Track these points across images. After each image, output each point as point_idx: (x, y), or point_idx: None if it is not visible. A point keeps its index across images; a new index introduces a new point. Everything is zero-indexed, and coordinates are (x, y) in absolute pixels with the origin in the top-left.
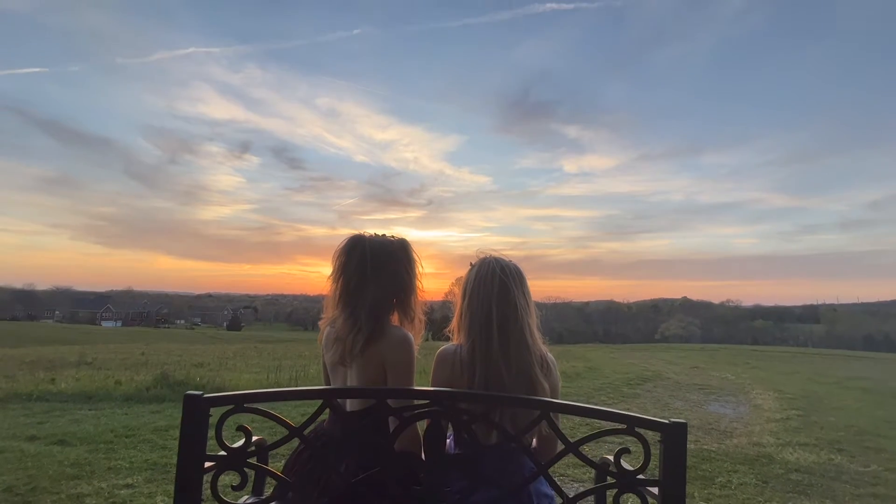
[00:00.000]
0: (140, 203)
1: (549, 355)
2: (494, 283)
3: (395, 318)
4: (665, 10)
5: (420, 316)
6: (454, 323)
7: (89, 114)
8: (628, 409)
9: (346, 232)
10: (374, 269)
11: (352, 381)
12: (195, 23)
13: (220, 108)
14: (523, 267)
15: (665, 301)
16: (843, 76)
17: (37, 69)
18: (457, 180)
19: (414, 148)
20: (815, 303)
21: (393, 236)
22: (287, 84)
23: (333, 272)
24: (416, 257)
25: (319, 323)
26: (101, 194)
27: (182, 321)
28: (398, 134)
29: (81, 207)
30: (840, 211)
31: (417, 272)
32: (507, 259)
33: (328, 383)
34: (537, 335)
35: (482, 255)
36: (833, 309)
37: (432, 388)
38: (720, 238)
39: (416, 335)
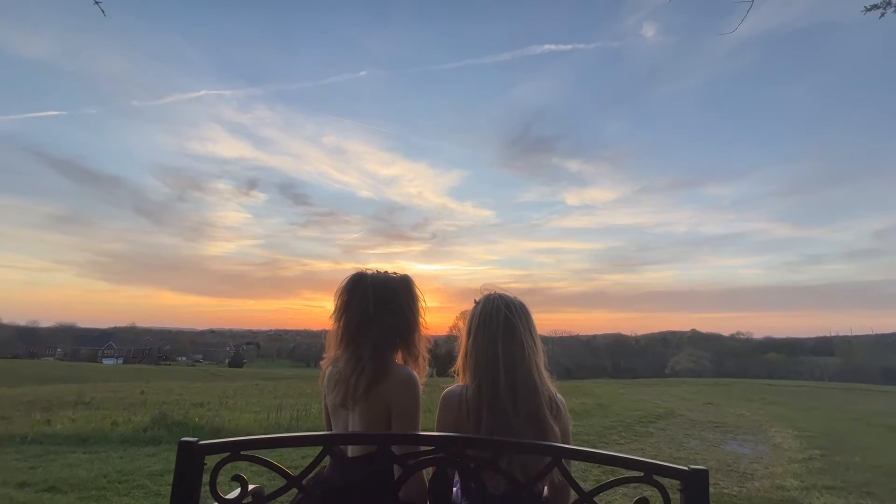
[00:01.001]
0: (147, 239)
1: (559, 396)
2: (500, 320)
3: (398, 357)
4: (659, 50)
5: (424, 353)
6: (459, 362)
7: (103, 154)
8: (642, 449)
9: (351, 266)
10: (377, 306)
11: (354, 424)
12: (208, 67)
13: (229, 147)
14: (528, 300)
15: (673, 334)
16: (834, 110)
17: (56, 112)
18: (460, 214)
19: (418, 183)
20: (827, 334)
21: (395, 273)
22: (294, 123)
23: (336, 310)
24: (419, 294)
25: (321, 363)
26: (109, 231)
27: (184, 358)
28: (402, 170)
29: (89, 244)
30: (845, 241)
31: (421, 309)
32: (512, 295)
33: (329, 427)
34: (545, 375)
35: (486, 292)
36: (847, 341)
37: (437, 434)
38: (726, 269)
39: (420, 373)
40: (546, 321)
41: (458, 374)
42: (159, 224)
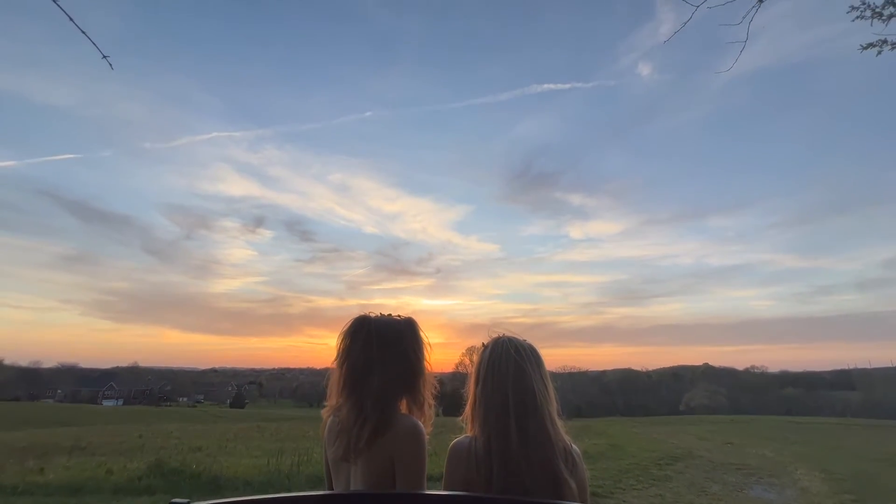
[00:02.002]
0: (153, 278)
1: (574, 447)
2: (509, 366)
3: (403, 405)
4: (655, 87)
5: (430, 401)
6: (467, 411)
7: (114, 194)
8: (661, 495)
9: (355, 302)
10: (381, 350)
11: (356, 479)
12: (219, 110)
13: (237, 186)
14: (535, 335)
15: (686, 368)
16: (831, 141)
17: (71, 155)
18: (464, 249)
19: (422, 218)
20: (845, 367)
21: (399, 315)
22: (302, 162)
23: (338, 356)
24: (423, 337)
25: (322, 412)
26: (115, 270)
27: (185, 398)
28: (406, 205)
29: (95, 283)
30: (854, 271)
31: (426, 353)
32: (521, 339)
33: (330, 484)
34: (559, 424)
35: (494, 335)
36: (867, 374)
37: (446, 493)
38: (735, 301)
39: (426, 422)
40: (554, 357)
41: (465, 424)
42: (166, 262)
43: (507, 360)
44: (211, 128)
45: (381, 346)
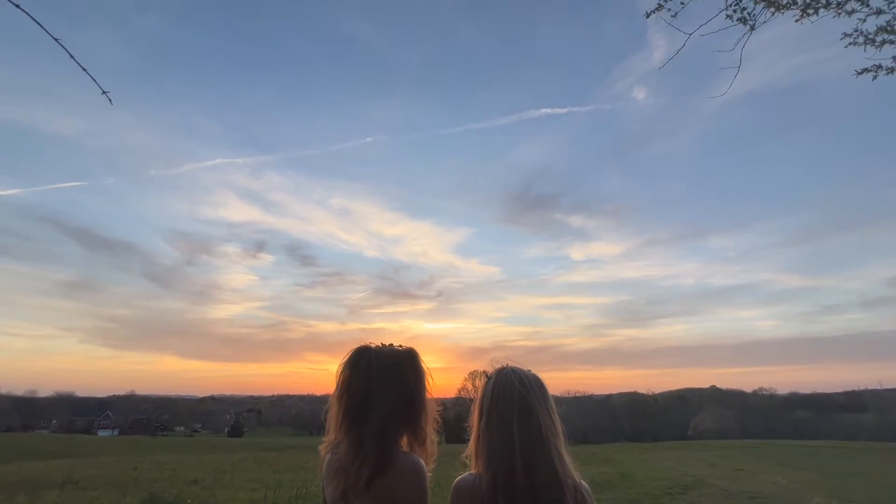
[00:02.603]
0: (153, 304)
1: (584, 484)
2: (514, 400)
3: (404, 442)
4: (650, 110)
5: (433, 437)
6: (471, 447)
7: (118, 221)
8: None
9: (356, 327)
10: (381, 383)
11: None
12: (223, 137)
13: (239, 211)
14: (538, 358)
15: (692, 391)
16: (828, 161)
17: (77, 183)
18: (466, 271)
19: (423, 242)
20: (856, 388)
21: (400, 346)
22: (303, 187)
23: (337, 388)
24: (425, 369)
25: (320, 448)
26: (116, 296)
27: (182, 427)
28: (407, 229)
29: (95, 310)
30: (858, 289)
31: (428, 386)
32: (525, 369)
33: None
34: (567, 460)
35: (498, 365)
36: (879, 395)
37: None
38: (740, 321)
39: (427, 460)
40: (558, 381)
41: (469, 460)
42: (167, 288)
43: (512, 394)
44: (215, 154)
45: (382, 378)
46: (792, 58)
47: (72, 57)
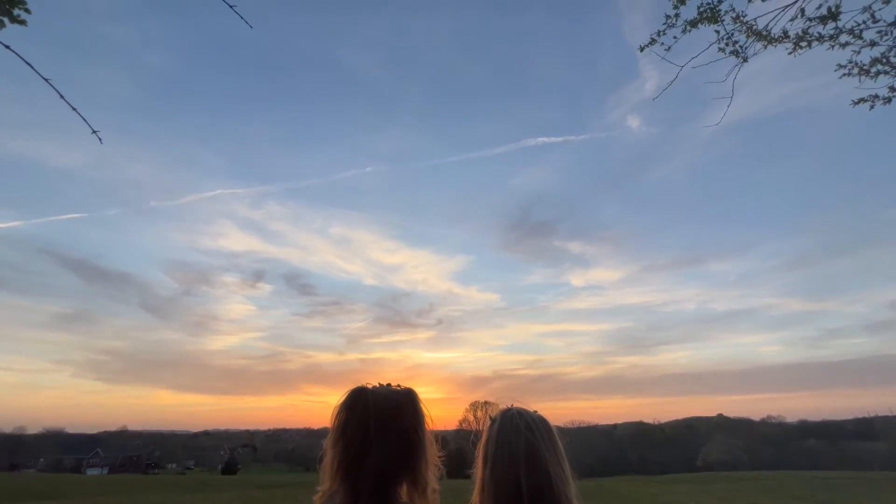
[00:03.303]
0: (149, 336)
1: None
2: (520, 445)
3: (403, 491)
4: (644, 138)
5: (434, 484)
6: (475, 497)
7: (116, 252)
8: None
9: (355, 357)
10: (379, 428)
11: None
12: (224, 168)
13: (238, 241)
14: (541, 387)
15: (699, 420)
16: (822, 186)
17: (77, 215)
18: (465, 299)
19: (422, 269)
20: (866, 415)
21: (399, 386)
22: (303, 217)
23: (332, 433)
24: (425, 411)
25: (314, 498)
26: (112, 329)
27: (174, 465)
28: (407, 257)
29: (90, 342)
30: (861, 313)
31: (428, 429)
32: (531, 411)
33: None
34: None
35: (502, 407)
36: (891, 422)
37: None
38: (743, 347)
39: None
40: (562, 411)
41: None
42: (164, 319)
43: (518, 439)
44: (216, 185)
45: (379, 422)
46: (782, 86)
47: (61, 97)
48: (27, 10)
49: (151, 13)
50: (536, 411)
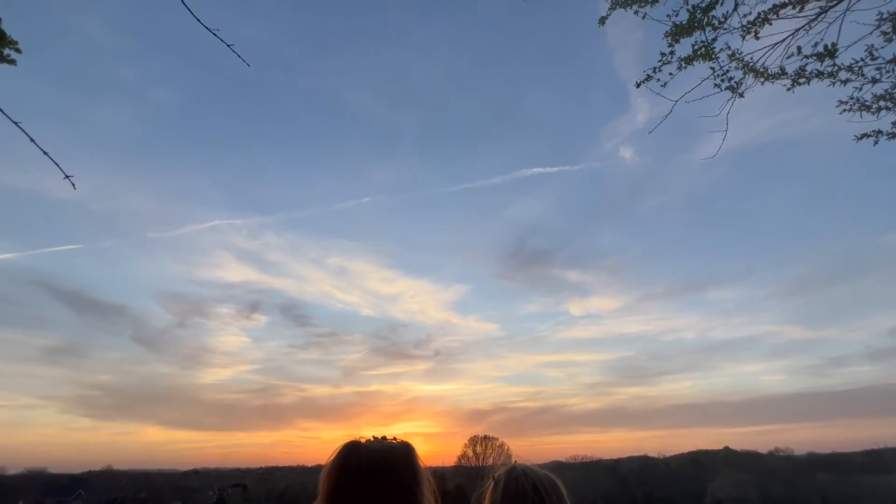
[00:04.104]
0: (140, 369)
1: None
2: None
3: None
4: (637, 168)
5: None
6: None
7: (111, 284)
8: None
9: (351, 390)
10: (372, 488)
11: None
12: (222, 199)
13: (235, 272)
14: (542, 420)
15: (705, 453)
16: (815, 213)
17: (73, 246)
18: (464, 329)
19: (420, 299)
20: (876, 447)
21: (395, 438)
22: (300, 247)
23: (322, 493)
24: (421, 466)
25: None
26: (102, 362)
27: None
28: (404, 287)
29: (78, 377)
30: (863, 340)
31: (425, 488)
32: (539, 471)
33: None
34: None
35: (506, 465)
36: None
37: None
38: (746, 376)
39: None
40: (564, 445)
41: None
42: (156, 352)
43: (524, 502)
44: (214, 216)
45: (374, 480)
46: (771, 116)
47: (32, 140)
48: (18, 50)
49: (156, 52)
50: (545, 472)
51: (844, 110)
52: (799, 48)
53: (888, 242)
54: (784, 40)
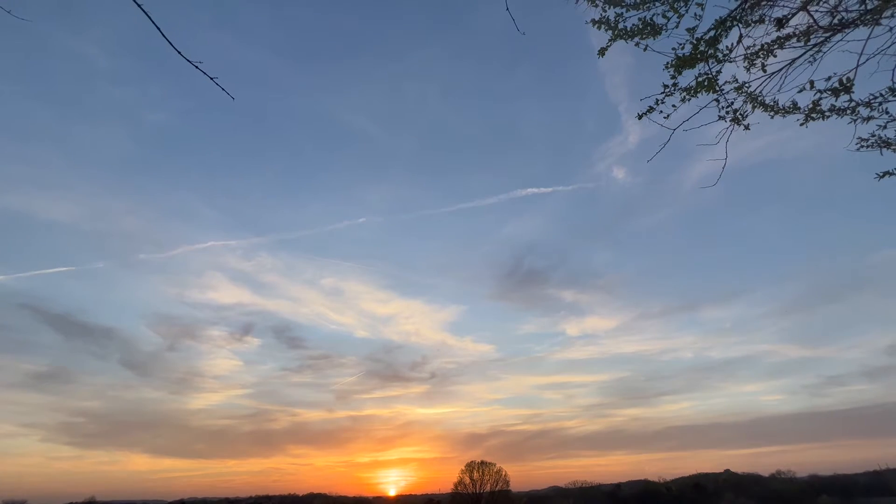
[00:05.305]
0: (128, 394)
1: None
2: None
3: None
4: (629, 188)
5: None
6: None
7: (101, 306)
8: None
9: (345, 414)
10: None
11: None
12: (216, 220)
13: (228, 294)
14: (540, 444)
15: (706, 476)
16: (807, 232)
17: (64, 268)
18: (460, 350)
19: (415, 320)
20: (877, 468)
21: None
22: (295, 268)
23: None
24: None
25: None
26: (88, 388)
27: None
28: (399, 307)
29: (64, 403)
30: (859, 358)
31: None
32: None
33: None
34: None
35: None
36: None
37: None
38: (744, 396)
39: None
40: (563, 469)
41: None
42: (145, 377)
43: None
44: (207, 237)
45: None
46: (763, 135)
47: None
48: None
49: (152, 75)
50: None
51: (861, 147)
52: (811, 82)
53: (881, 259)
54: (780, 70)
